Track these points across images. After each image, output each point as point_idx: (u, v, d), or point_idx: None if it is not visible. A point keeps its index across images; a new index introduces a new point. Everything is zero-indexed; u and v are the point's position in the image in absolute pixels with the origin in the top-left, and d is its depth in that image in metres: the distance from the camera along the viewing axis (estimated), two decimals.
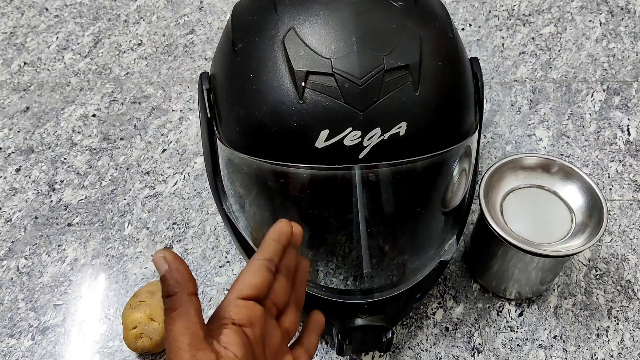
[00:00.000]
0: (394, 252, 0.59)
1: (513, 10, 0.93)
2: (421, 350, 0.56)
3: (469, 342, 0.56)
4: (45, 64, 0.86)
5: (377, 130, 0.40)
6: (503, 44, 0.87)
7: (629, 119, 0.76)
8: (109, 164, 0.72)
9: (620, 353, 0.55)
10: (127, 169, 0.72)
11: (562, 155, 0.72)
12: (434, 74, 0.42)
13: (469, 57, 0.50)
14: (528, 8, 0.93)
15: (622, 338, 0.56)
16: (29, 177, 0.71)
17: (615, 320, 0.57)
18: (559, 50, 0.86)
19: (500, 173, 0.54)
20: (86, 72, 0.85)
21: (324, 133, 0.40)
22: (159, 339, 0.52)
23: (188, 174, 0.71)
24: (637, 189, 0.68)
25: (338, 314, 0.49)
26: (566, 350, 0.55)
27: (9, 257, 0.63)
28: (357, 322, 0.48)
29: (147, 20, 0.93)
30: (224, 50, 0.47)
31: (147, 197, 0.69)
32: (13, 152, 0.74)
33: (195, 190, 0.69)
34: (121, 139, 0.75)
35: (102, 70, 0.85)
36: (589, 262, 0.62)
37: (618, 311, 0.58)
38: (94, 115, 0.78)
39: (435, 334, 0.57)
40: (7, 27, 0.92)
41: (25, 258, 0.63)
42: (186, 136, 0.75)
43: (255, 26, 0.45)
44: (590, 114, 0.76)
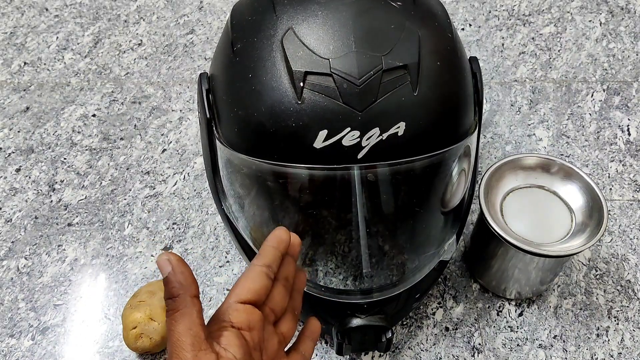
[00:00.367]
0: (393, 251, 0.59)
1: (513, 10, 0.93)
2: (421, 350, 0.55)
3: (469, 342, 0.56)
4: (45, 64, 0.86)
5: (375, 130, 0.40)
6: (503, 44, 0.87)
7: (629, 119, 0.76)
8: (109, 164, 0.72)
9: (620, 353, 0.55)
10: (127, 169, 0.72)
11: (562, 155, 0.72)
12: (432, 74, 0.42)
13: (468, 57, 0.49)
14: (528, 8, 0.93)
15: (622, 338, 0.56)
16: (29, 177, 0.71)
17: (615, 320, 0.57)
18: (559, 50, 0.85)
19: (500, 173, 0.54)
20: (86, 72, 0.85)
21: (323, 133, 0.40)
22: (159, 339, 0.52)
23: (188, 174, 0.71)
24: (637, 189, 0.68)
25: (338, 314, 0.49)
26: (566, 350, 0.55)
27: (9, 257, 0.63)
28: (356, 322, 0.48)
29: (147, 20, 0.93)
30: (223, 50, 0.47)
31: (147, 197, 0.69)
32: (13, 152, 0.74)
33: (195, 190, 0.69)
34: (121, 139, 0.75)
35: (102, 70, 0.85)
36: (589, 262, 0.62)
37: (618, 311, 0.58)
38: (94, 115, 0.78)
39: (435, 334, 0.57)
40: (7, 27, 0.93)
41: (25, 258, 0.63)
42: (186, 136, 0.75)
43: (254, 26, 0.45)
44: (590, 114, 0.76)
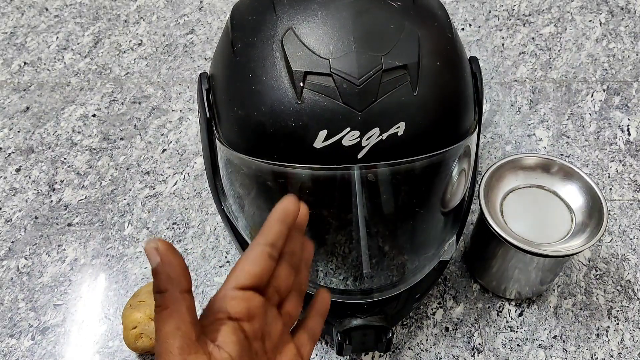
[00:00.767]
0: (393, 252, 0.59)
1: (513, 10, 0.93)
2: (421, 350, 0.55)
3: (469, 342, 0.56)
4: (45, 64, 0.86)
5: (375, 130, 0.40)
6: (503, 44, 0.87)
7: (629, 119, 0.76)
8: (109, 164, 0.72)
9: (620, 353, 0.55)
10: (127, 169, 0.72)
11: (562, 155, 0.72)
12: (432, 74, 0.42)
13: (468, 57, 0.49)
14: (528, 8, 0.93)
15: (622, 338, 0.56)
16: (29, 177, 0.71)
17: (615, 320, 0.57)
18: (559, 50, 0.85)
19: (500, 173, 0.54)
20: (86, 72, 0.85)
21: (323, 133, 0.40)
22: None
23: (188, 174, 0.71)
24: (637, 189, 0.68)
25: (338, 314, 0.49)
26: (566, 350, 0.55)
27: (9, 257, 0.63)
28: (356, 322, 0.48)
29: (147, 20, 0.93)
30: (223, 50, 0.47)
31: (147, 197, 0.69)
32: (13, 152, 0.74)
33: (195, 190, 0.69)
34: (121, 139, 0.75)
35: (102, 70, 0.85)
36: (589, 262, 0.62)
37: (618, 311, 0.58)
38: (94, 115, 0.78)
39: (435, 334, 0.57)
40: (7, 27, 0.93)
41: (25, 258, 0.63)
42: (186, 136, 0.75)
43: (253, 26, 0.45)
44: (590, 114, 0.76)
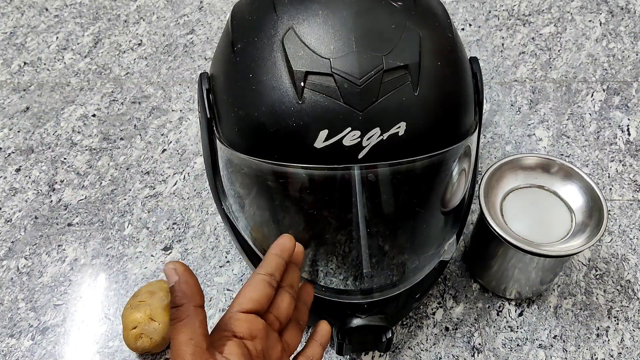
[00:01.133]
0: (393, 252, 0.59)
1: (513, 10, 0.93)
2: (421, 350, 0.55)
3: (469, 342, 0.56)
4: (45, 64, 0.86)
5: (376, 130, 0.40)
6: (503, 44, 0.87)
7: (629, 119, 0.76)
8: (109, 164, 0.72)
9: (620, 353, 0.55)
10: (127, 169, 0.72)
11: (562, 155, 0.72)
12: (433, 74, 0.42)
13: (468, 57, 0.49)
14: (528, 8, 0.93)
15: (622, 338, 0.56)
16: (29, 177, 0.71)
17: (615, 320, 0.57)
18: (559, 50, 0.85)
19: (500, 173, 0.54)
20: (86, 72, 0.85)
21: (323, 133, 0.40)
22: (159, 339, 0.52)
23: (188, 174, 0.71)
24: (637, 189, 0.68)
25: (338, 314, 0.49)
26: (566, 350, 0.55)
27: (9, 257, 0.63)
28: (356, 322, 0.48)
29: (147, 20, 0.93)
30: (224, 50, 0.47)
31: (147, 197, 0.69)
32: (13, 152, 0.74)
33: (195, 190, 0.69)
34: (121, 139, 0.75)
35: (102, 70, 0.85)
36: (589, 262, 0.62)
37: (618, 311, 0.58)
38: (94, 115, 0.78)
39: (435, 334, 0.57)
40: (7, 27, 0.93)
41: (25, 258, 0.63)
42: (186, 136, 0.75)
43: (254, 26, 0.45)
44: (590, 114, 0.76)
